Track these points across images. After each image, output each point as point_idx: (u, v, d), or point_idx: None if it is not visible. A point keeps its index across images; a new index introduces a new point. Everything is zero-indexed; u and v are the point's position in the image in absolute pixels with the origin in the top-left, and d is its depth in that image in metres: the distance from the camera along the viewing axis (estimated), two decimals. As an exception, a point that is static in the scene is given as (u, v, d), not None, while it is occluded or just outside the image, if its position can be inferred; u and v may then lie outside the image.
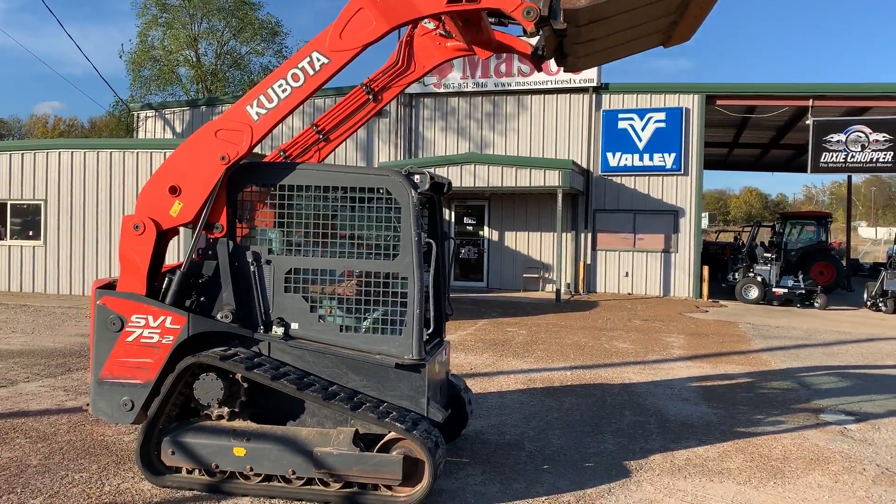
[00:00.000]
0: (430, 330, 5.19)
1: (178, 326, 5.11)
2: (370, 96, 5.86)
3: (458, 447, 6.15)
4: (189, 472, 5.07)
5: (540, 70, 6.33)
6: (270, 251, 5.23)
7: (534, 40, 5.39)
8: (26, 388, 7.93)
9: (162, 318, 5.13)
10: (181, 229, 5.41)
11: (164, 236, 5.31)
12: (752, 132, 26.10)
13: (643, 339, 12.56)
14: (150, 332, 5.13)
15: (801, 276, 19.16)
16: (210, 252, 5.28)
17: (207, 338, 5.17)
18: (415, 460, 4.80)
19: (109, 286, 5.36)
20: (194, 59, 37.74)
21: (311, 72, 5.06)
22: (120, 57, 37.00)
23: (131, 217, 5.24)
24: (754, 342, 12.55)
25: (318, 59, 5.05)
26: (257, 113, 5.12)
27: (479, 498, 5.10)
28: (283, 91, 5.09)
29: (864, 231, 75.24)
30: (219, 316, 5.17)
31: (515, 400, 7.99)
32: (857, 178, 70.42)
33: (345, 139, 6.14)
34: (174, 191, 5.19)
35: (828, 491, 5.46)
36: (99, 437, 6.21)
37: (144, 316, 5.14)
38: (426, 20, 5.44)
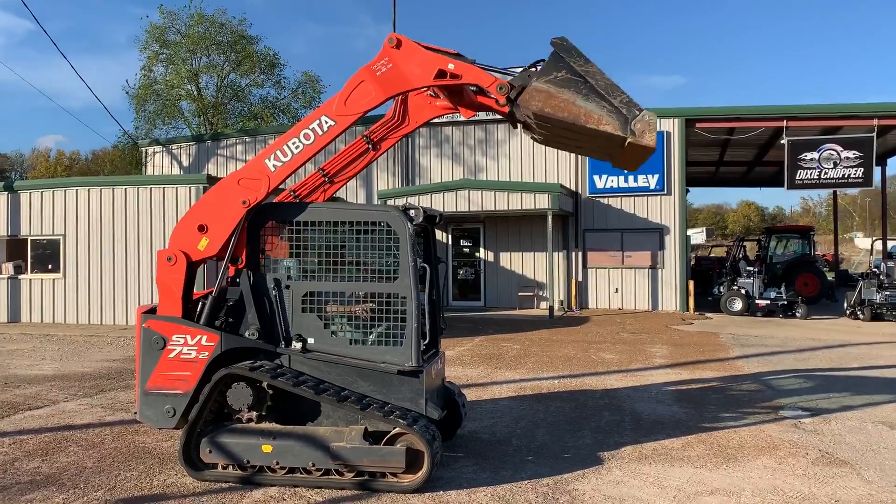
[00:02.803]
0: (427, 341, 6.12)
1: (213, 344, 6.03)
2: (370, 146, 6.84)
3: (453, 445, 7.04)
4: (224, 467, 5.96)
5: (516, 127, 7.28)
6: (289, 277, 6.17)
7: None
8: (67, 407, 8.83)
9: (199, 336, 6.06)
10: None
11: (193, 267, 6.26)
12: (736, 150, 27.18)
13: (628, 350, 13.47)
14: (188, 349, 6.06)
15: (784, 288, 20.08)
16: (238, 280, 6.23)
17: (237, 353, 6.09)
18: (416, 451, 5.72)
19: (152, 311, 6.31)
20: (196, 93, 38.96)
21: (320, 132, 6.11)
22: (126, 92, 38.15)
23: (165, 251, 6.20)
24: (732, 350, 13.46)
25: (326, 122, 6.10)
26: (274, 165, 6.13)
27: (471, 483, 6.00)
28: (297, 147, 6.11)
29: (861, 242, 76.13)
30: (246, 334, 6.10)
31: (506, 406, 8.89)
32: (854, 190, 71.52)
33: (347, 181, 7.11)
34: (202, 229, 6.17)
35: (771, 471, 6.36)
36: (141, 445, 7.11)
37: (184, 335, 6.07)
38: None
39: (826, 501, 5.62)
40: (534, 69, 5.97)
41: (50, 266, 18.09)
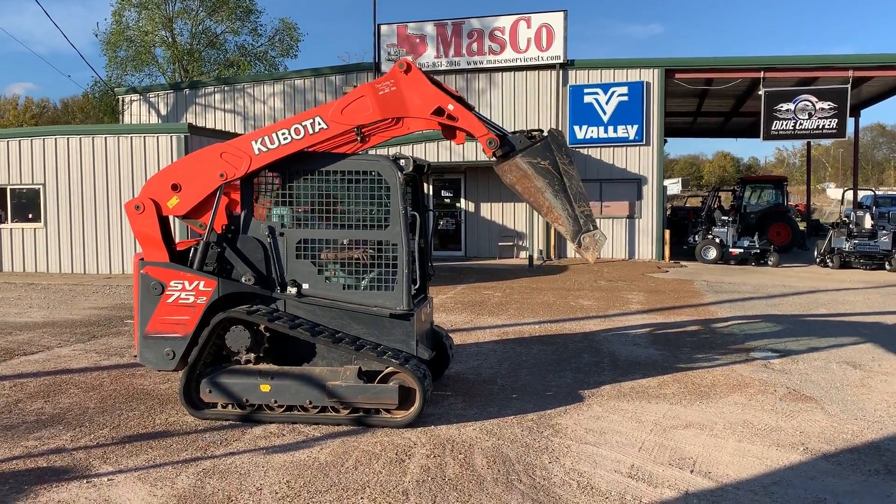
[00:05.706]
0: (417, 286, 6.38)
1: (210, 289, 6.24)
2: (359, 137, 6.88)
3: (442, 384, 7.38)
4: (224, 406, 6.23)
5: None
6: (283, 225, 6.35)
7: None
8: (62, 352, 9.03)
9: (196, 282, 6.26)
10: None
11: (163, 220, 6.44)
12: (714, 101, 27.44)
13: (606, 296, 13.88)
14: (186, 294, 6.26)
15: (757, 237, 20.58)
16: (233, 227, 6.41)
17: (233, 297, 6.31)
18: (407, 389, 6.02)
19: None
20: (170, 40, 38.18)
21: (311, 131, 6.28)
22: (95, 36, 37.25)
23: (132, 201, 6.40)
24: (706, 297, 13.92)
25: (319, 123, 6.27)
26: (259, 149, 6.27)
27: (460, 418, 6.34)
28: (285, 138, 6.26)
29: (833, 192, 77.32)
30: (243, 279, 6.31)
31: (490, 349, 9.24)
32: (828, 141, 72.53)
33: None
34: (175, 188, 6.40)
35: (741, 407, 6.77)
36: (139, 387, 7.36)
37: (181, 281, 6.27)
38: None
39: (792, 433, 6.03)
40: (528, 139, 6.27)
41: (30, 215, 18.01)
